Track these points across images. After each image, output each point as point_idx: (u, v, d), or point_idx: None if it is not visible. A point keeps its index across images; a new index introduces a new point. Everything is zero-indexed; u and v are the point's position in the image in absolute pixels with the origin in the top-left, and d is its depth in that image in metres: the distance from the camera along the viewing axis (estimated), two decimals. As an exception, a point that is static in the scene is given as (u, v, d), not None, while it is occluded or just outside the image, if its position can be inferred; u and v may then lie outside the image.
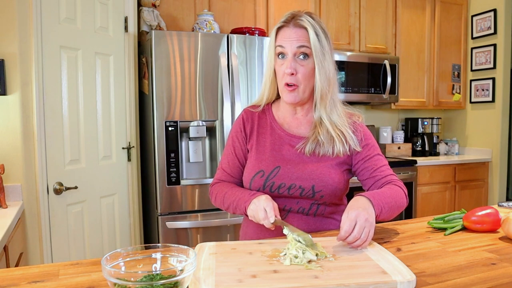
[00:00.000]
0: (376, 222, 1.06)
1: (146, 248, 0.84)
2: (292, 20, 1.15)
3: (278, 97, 1.28)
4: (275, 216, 1.06)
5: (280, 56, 1.16)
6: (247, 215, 1.15)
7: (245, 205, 1.14)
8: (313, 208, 1.21)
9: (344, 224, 0.96)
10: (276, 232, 1.19)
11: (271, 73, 1.21)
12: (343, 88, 3.32)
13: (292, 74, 1.13)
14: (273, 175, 1.18)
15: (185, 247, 0.82)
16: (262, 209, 1.07)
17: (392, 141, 3.89)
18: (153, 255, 0.83)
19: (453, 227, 1.19)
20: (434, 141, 3.98)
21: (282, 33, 1.16)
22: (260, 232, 1.22)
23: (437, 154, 3.93)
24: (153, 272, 0.74)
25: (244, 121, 1.28)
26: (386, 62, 3.44)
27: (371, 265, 0.87)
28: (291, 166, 1.19)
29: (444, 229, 1.20)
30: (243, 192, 1.19)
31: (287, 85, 1.15)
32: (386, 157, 3.62)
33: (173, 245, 0.83)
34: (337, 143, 1.18)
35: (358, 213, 0.97)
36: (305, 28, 1.13)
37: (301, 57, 1.14)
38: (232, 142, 1.29)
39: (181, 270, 0.74)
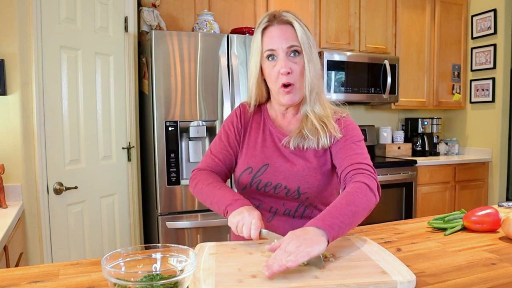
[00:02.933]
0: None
1: (146, 248, 0.84)
2: (275, 18, 1.13)
3: (268, 97, 1.26)
4: (261, 230, 1.00)
5: (270, 58, 1.13)
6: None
7: (227, 209, 1.06)
8: (299, 210, 1.18)
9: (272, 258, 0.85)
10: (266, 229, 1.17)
11: (257, 76, 1.18)
12: (343, 88, 3.32)
13: (289, 73, 1.11)
14: (260, 173, 1.17)
15: (185, 247, 0.82)
16: (249, 225, 0.99)
17: (392, 141, 3.89)
18: (153, 255, 0.83)
19: (453, 227, 1.19)
20: (434, 141, 3.98)
21: (269, 34, 1.13)
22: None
23: (437, 154, 3.93)
24: (153, 272, 0.74)
25: (241, 113, 1.26)
26: (386, 62, 3.44)
27: (371, 265, 0.87)
28: (279, 165, 1.18)
29: (444, 229, 1.20)
30: (226, 193, 1.11)
31: (284, 86, 1.13)
32: (386, 157, 3.65)
33: (173, 245, 0.83)
34: (322, 135, 1.15)
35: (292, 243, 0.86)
36: (290, 23, 1.12)
37: (292, 54, 1.12)
38: (227, 130, 1.25)
39: (181, 270, 0.74)
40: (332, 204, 0.99)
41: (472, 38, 3.94)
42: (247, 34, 2.72)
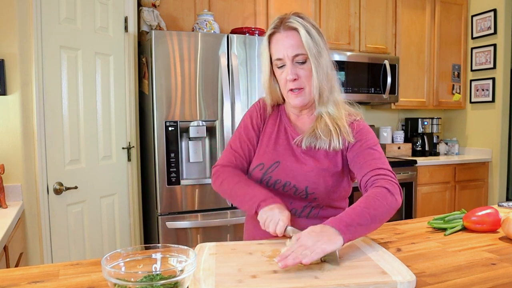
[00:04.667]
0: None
1: (146, 248, 0.84)
2: (282, 24, 1.14)
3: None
4: (287, 227, 1.03)
5: (279, 65, 1.15)
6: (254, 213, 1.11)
7: (260, 205, 1.08)
8: (306, 211, 1.19)
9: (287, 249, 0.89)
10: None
11: (269, 79, 1.20)
12: (343, 88, 3.31)
13: (295, 79, 1.13)
14: (271, 170, 1.18)
15: (185, 247, 0.82)
16: (276, 221, 1.03)
17: (392, 141, 3.89)
18: (153, 256, 0.83)
19: (453, 227, 1.19)
20: (434, 141, 3.98)
21: (275, 41, 1.15)
22: (264, 233, 1.19)
23: (437, 154, 3.93)
24: (153, 273, 0.74)
25: (260, 108, 1.28)
26: (386, 62, 3.43)
27: (371, 265, 0.87)
28: (290, 163, 1.19)
29: (444, 229, 1.20)
30: (257, 190, 1.13)
31: (292, 90, 1.15)
32: (386, 157, 3.64)
33: (173, 245, 0.83)
34: (334, 137, 1.16)
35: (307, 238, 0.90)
36: (296, 29, 1.12)
37: (300, 60, 1.13)
38: (248, 125, 1.26)
39: (181, 271, 0.74)
40: (352, 206, 1.02)
41: (472, 38, 3.94)
42: (247, 34, 2.72)
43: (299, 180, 1.17)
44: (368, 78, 3.40)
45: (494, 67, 3.73)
